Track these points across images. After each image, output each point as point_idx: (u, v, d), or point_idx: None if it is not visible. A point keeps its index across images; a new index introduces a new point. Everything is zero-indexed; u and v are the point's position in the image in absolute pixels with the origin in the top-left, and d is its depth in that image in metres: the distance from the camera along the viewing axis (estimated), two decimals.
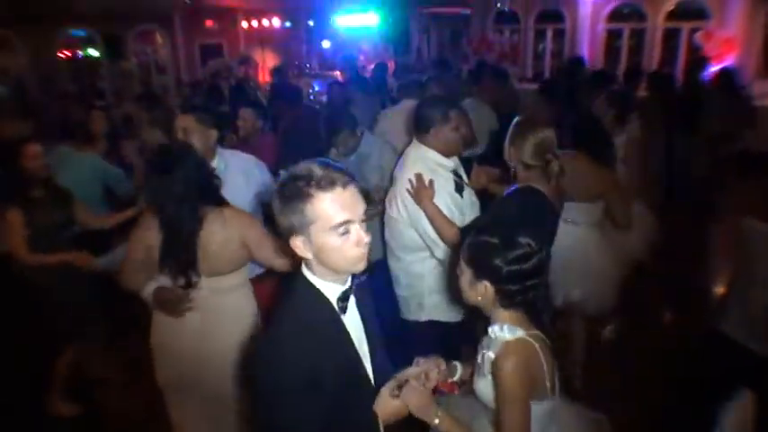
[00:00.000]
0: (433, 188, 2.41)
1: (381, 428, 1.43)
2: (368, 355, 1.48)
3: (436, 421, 1.47)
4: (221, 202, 2.13)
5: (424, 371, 1.53)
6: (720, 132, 5.46)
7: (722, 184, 4.29)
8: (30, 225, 2.82)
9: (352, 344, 1.41)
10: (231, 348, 2.14)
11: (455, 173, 2.61)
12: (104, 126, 3.92)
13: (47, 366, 3.12)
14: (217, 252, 2.05)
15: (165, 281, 2.08)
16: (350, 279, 1.40)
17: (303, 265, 1.39)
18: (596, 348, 3.48)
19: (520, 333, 1.49)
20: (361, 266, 1.36)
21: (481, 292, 1.51)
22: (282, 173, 1.36)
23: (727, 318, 2.43)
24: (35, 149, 2.85)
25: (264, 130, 4.20)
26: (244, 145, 3.70)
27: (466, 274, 1.55)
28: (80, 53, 11.86)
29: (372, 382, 1.49)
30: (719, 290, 3.02)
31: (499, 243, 1.47)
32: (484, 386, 1.57)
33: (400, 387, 1.46)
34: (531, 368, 1.48)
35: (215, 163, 2.56)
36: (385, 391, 1.46)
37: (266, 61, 12.55)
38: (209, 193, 2.09)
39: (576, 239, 3.04)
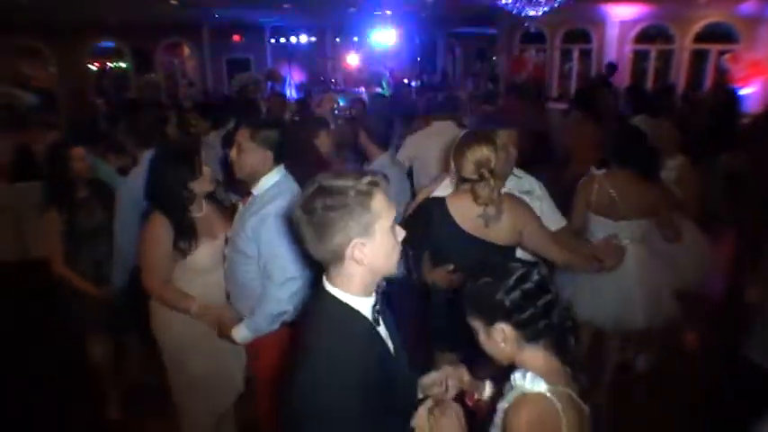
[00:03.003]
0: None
1: None
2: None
3: None
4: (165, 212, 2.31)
5: (444, 378, 1.51)
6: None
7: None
8: (72, 226, 2.83)
9: (391, 354, 1.37)
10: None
11: None
12: None
13: (86, 372, 3.14)
14: None
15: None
16: (374, 290, 1.35)
17: (328, 284, 1.29)
18: (627, 377, 3.44)
19: (542, 387, 1.30)
20: (396, 270, 1.31)
21: (501, 337, 1.34)
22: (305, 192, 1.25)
23: (753, 343, 2.40)
24: (80, 151, 2.88)
25: None
26: None
27: (479, 329, 1.39)
28: (109, 65, 11.97)
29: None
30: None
31: (492, 278, 1.35)
32: None
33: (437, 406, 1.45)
34: (547, 430, 1.29)
35: (258, 186, 2.25)
36: (422, 409, 1.44)
37: (293, 76, 12.68)
38: (159, 199, 2.33)
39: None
